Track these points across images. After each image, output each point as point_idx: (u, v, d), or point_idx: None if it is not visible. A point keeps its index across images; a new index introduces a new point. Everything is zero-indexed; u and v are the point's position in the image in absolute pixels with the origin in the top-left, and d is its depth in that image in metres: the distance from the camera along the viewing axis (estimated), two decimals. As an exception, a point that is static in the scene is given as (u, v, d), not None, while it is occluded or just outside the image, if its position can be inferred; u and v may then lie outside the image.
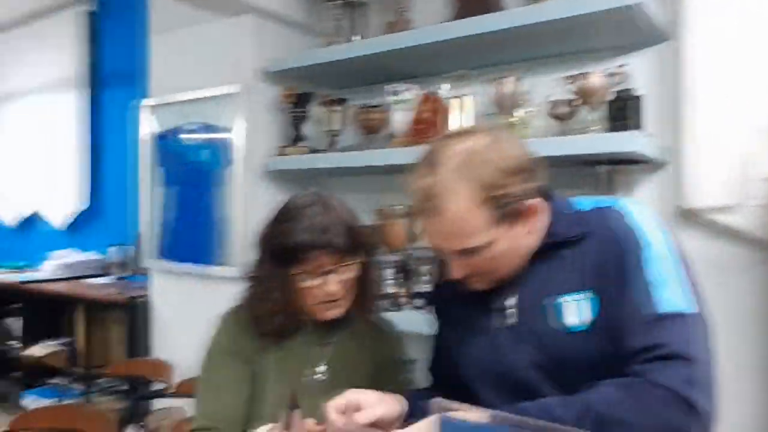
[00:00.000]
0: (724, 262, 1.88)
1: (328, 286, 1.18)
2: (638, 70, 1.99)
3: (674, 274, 0.92)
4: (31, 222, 4.50)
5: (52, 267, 3.86)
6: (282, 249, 1.19)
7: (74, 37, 4.04)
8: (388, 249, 2.39)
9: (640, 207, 1.02)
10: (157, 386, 2.73)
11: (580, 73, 1.86)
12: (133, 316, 3.10)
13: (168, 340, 3.00)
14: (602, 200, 1.05)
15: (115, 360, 3.36)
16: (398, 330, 1.44)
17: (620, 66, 1.89)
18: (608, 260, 0.94)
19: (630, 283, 0.91)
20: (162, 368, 2.68)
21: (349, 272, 1.22)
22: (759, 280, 1.82)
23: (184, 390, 2.41)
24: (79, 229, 4.20)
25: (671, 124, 1.94)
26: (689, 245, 1.91)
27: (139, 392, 2.75)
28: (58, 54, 4.14)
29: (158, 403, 2.71)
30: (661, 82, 1.98)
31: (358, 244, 1.23)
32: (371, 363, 1.34)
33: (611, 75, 1.86)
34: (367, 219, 2.51)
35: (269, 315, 1.22)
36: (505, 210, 0.93)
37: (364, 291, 1.28)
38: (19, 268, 4.23)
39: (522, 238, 0.98)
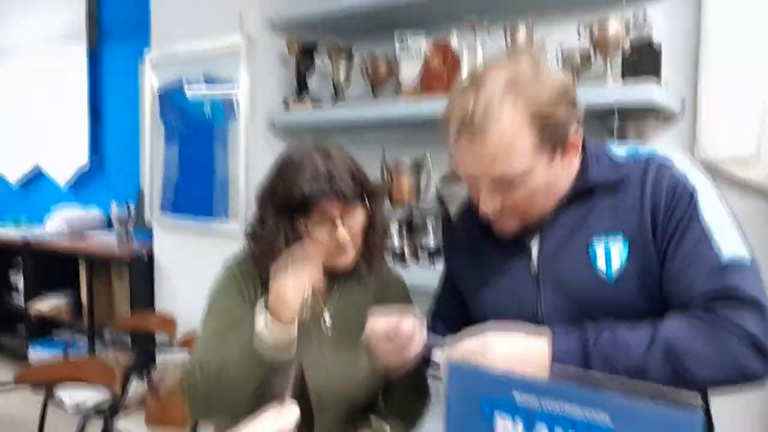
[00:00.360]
0: (739, 215, 1.84)
1: (337, 235, 1.15)
2: (657, 19, 1.92)
3: (728, 219, 0.91)
4: (34, 178, 4.47)
5: (55, 223, 3.85)
6: (288, 201, 1.16)
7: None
8: (395, 204, 2.36)
9: (680, 155, 0.98)
10: (161, 340, 2.74)
11: (597, 21, 1.80)
12: (136, 271, 3.09)
13: (171, 294, 3.00)
14: (638, 149, 1.00)
15: (119, 314, 3.38)
16: (403, 281, 1.41)
17: (638, 14, 1.82)
18: (652, 205, 0.91)
19: (688, 231, 0.88)
20: (166, 322, 2.68)
21: (357, 219, 1.19)
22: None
23: (188, 343, 2.42)
24: (81, 185, 4.16)
25: (689, 74, 1.89)
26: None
27: (143, 346, 2.76)
28: (60, 7, 4.04)
29: (162, 357, 2.72)
30: (680, 31, 1.91)
31: (363, 190, 1.19)
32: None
33: (629, 23, 1.79)
34: (373, 174, 2.48)
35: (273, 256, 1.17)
36: (550, 136, 0.88)
37: (371, 240, 1.24)
38: (23, 224, 4.23)
39: (558, 175, 0.94)
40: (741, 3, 1.75)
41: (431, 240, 2.24)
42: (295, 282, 1.08)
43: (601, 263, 0.91)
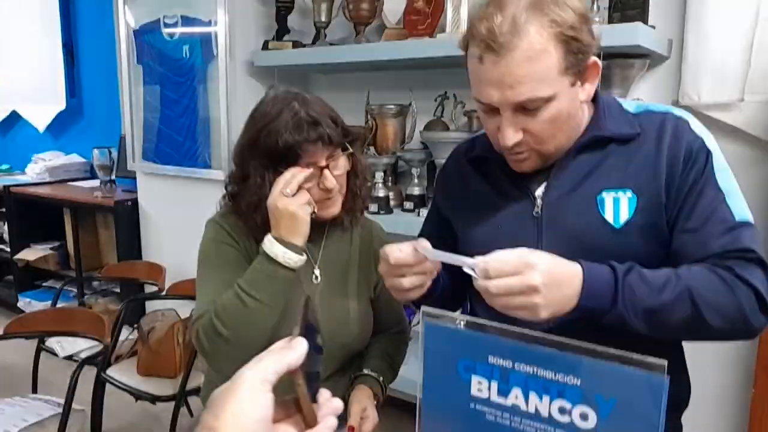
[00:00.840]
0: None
1: (325, 182, 1.15)
2: (646, -45, 1.86)
3: (736, 185, 0.95)
4: (12, 124, 4.36)
5: (36, 170, 3.79)
6: (271, 151, 1.14)
7: None
8: (379, 151, 2.34)
9: (693, 117, 0.99)
10: (150, 289, 2.76)
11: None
12: (121, 219, 3.07)
13: (158, 242, 3.00)
14: (656, 106, 1.00)
15: (107, 263, 3.38)
16: (383, 230, 1.41)
17: (628, -50, 1.75)
18: (669, 163, 0.92)
19: (705, 189, 0.91)
20: (154, 270, 2.69)
21: (341, 165, 1.18)
22: (757, 179, 1.80)
23: (176, 291, 2.44)
24: (61, 130, 4.07)
25: (676, 17, 1.84)
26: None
27: (132, 294, 2.78)
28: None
29: (151, 305, 2.75)
30: (669, -31, 1.86)
31: (346, 135, 1.19)
32: (365, 264, 1.32)
33: (618, -40, 1.73)
34: (357, 119, 2.45)
35: (264, 223, 1.16)
36: (574, 58, 0.87)
37: (353, 187, 1.24)
38: (3, 172, 4.16)
39: (578, 104, 0.93)
40: (733, -61, 1.70)
41: (416, 187, 2.23)
42: (298, 199, 1.11)
43: (609, 214, 0.92)
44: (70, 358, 2.72)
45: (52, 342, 2.72)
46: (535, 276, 0.76)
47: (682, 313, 0.83)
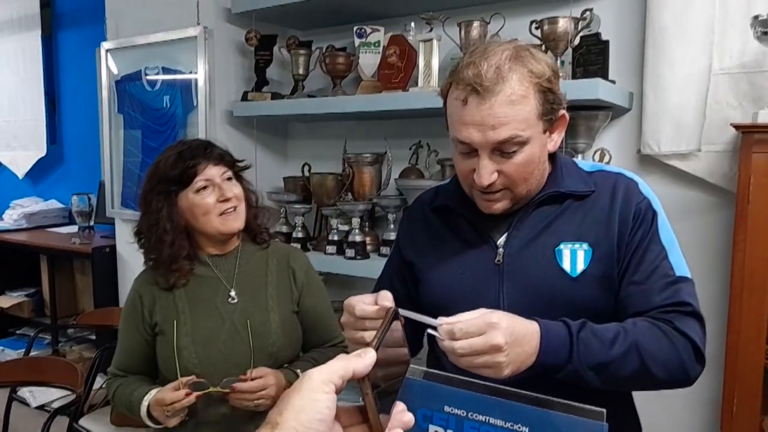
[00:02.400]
0: (682, 207, 1.93)
1: (224, 191, 1.32)
2: (605, 16, 1.98)
3: (676, 242, 1.03)
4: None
5: (14, 216, 3.77)
6: (169, 176, 1.31)
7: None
8: (356, 197, 2.40)
9: (641, 180, 1.08)
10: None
11: (547, 18, 1.84)
12: (99, 265, 3.06)
13: (136, 288, 2.99)
14: (606, 166, 1.10)
15: (83, 309, 3.35)
16: (302, 255, 1.57)
17: (587, 10, 1.86)
18: (620, 220, 0.99)
19: (650, 247, 0.99)
20: (131, 317, 2.69)
21: (237, 187, 1.38)
22: (716, 224, 1.87)
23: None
24: (40, 176, 4.08)
25: (635, 69, 1.95)
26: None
27: (108, 342, 2.75)
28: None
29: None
30: (627, 28, 1.97)
31: (236, 165, 1.40)
32: (283, 283, 1.46)
33: (578, 20, 1.84)
34: (334, 166, 2.51)
35: (170, 252, 1.34)
36: (548, 107, 0.95)
37: (250, 209, 1.42)
38: (-21, 218, 4.14)
39: (545, 151, 0.99)
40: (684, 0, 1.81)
41: (392, 233, 2.28)
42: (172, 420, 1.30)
43: (566, 264, 0.98)
44: (42, 407, 2.67)
45: (23, 391, 2.67)
46: (498, 336, 0.79)
47: (630, 366, 0.88)
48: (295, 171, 2.64)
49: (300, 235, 2.46)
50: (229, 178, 1.37)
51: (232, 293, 1.40)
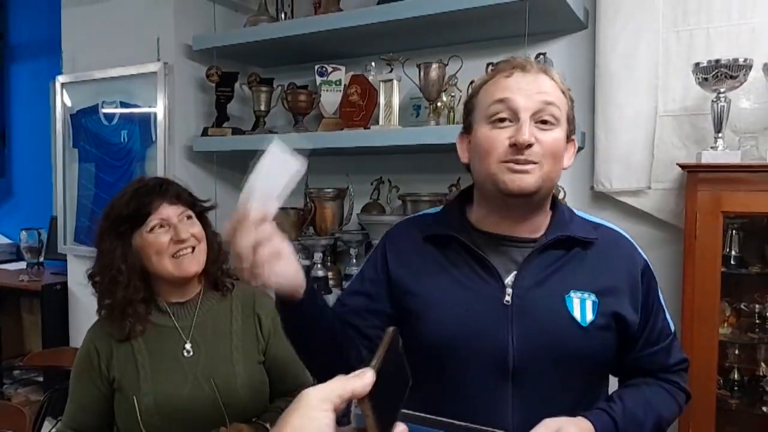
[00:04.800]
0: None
1: (179, 231, 1.25)
2: (558, 59, 2.07)
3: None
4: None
5: (-43, 253, 3.63)
6: (125, 215, 1.25)
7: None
8: (318, 232, 2.40)
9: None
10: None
11: (503, 61, 1.91)
12: (48, 304, 2.95)
13: (87, 328, 2.88)
14: (601, 220, 1.13)
15: (30, 350, 3.21)
16: (268, 303, 1.44)
17: (540, 54, 1.95)
18: (629, 279, 1.03)
19: (658, 307, 1.08)
20: (82, 357, 2.59)
21: (195, 226, 1.30)
22: (666, 258, 1.95)
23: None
24: (-14, 211, 3.95)
25: (586, 111, 2.04)
26: (602, 226, 2.08)
27: (57, 383, 2.64)
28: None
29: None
30: (578, 71, 2.07)
31: (195, 204, 1.33)
32: (248, 332, 1.39)
33: (532, 63, 1.92)
34: (296, 201, 2.51)
35: (124, 295, 1.26)
36: (568, 117, 1.01)
37: (211, 254, 1.33)
38: None
39: (561, 163, 1.02)
40: (633, 43, 1.91)
41: (354, 267, 2.29)
42: None
43: (576, 313, 0.99)
44: (-17, 456, 2.52)
45: (-36, 439, 2.52)
46: None
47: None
48: (255, 206, 2.62)
49: None
50: (189, 217, 1.30)
51: (187, 346, 1.31)
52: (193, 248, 1.29)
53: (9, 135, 3.87)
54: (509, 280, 1.00)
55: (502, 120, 0.97)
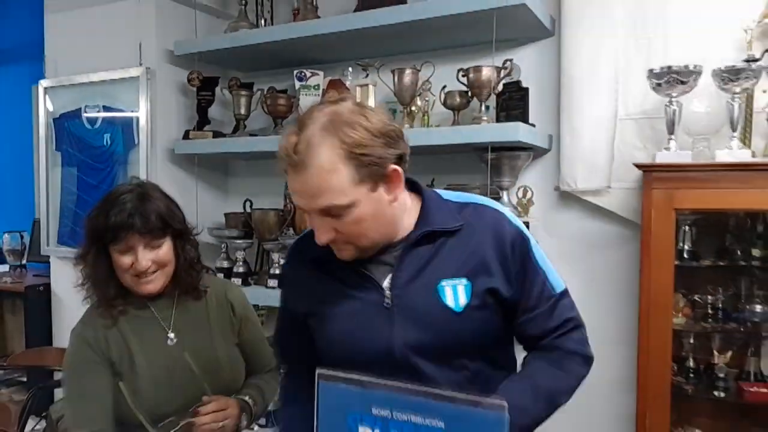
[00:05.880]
0: (598, 238, 2.12)
1: (138, 263, 1.32)
2: (525, 64, 2.18)
3: (548, 260, 1.13)
4: None
5: (-61, 256, 3.63)
6: (99, 231, 1.34)
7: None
8: (298, 232, 2.47)
9: (505, 207, 1.17)
10: (59, 376, 2.68)
11: (473, 66, 2.01)
12: (31, 305, 2.99)
13: (70, 328, 2.92)
14: (471, 196, 1.16)
15: (12, 351, 3.24)
16: (241, 294, 1.59)
17: (508, 60, 2.05)
18: (498, 253, 1.06)
19: (534, 272, 1.08)
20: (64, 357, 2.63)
21: (162, 252, 1.37)
22: (627, 253, 2.05)
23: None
24: (-32, 215, 3.96)
25: (552, 114, 2.14)
26: (568, 224, 2.18)
27: (40, 383, 2.68)
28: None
29: (60, 393, 2.66)
30: (544, 76, 2.17)
31: (168, 227, 1.38)
32: (223, 320, 1.51)
33: (500, 69, 2.02)
34: (275, 202, 2.59)
35: (101, 291, 1.37)
36: (368, 169, 0.97)
37: (180, 268, 1.42)
38: None
39: (386, 206, 1.03)
40: (596, 49, 2.02)
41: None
42: None
43: (449, 300, 1.04)
44: (-32, 454, 2.55)
45: (-52, 438, 2.55)
46: None
47: (548, 410, 1.04)
48: (235, 207, 2.70)
49: (241, 269, 2.51)
50: (155, 246, 1.35)
51: (171, 335, 1.42)
52: (154, 271, 1.36)
53: (-10, 139, 3.89)
54: (386, 283, 1.06)
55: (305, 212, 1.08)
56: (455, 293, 1.04)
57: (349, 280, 1.09)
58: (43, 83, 2.90)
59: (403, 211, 1.08)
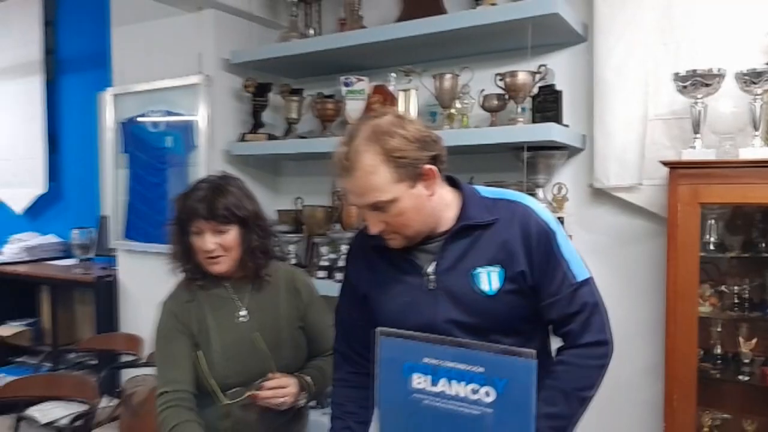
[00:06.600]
0: (628, 233, 2.24)
1: (205, 244, 1.53)
2: (559, 69, 2.31)
3: (574, 251, 1.28)
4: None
5: (14, 250, 3.94)
6: (178, 212, 1.57)
7: (33, 23, 4.09)
8: (345, 226, 2.66)
9: (536, 201, 1.33)
10: (127, 359, 2.92)
11: (509, 72, 2.16)
12: (100, 294, 3.25)
13: (135, 316, 3.18)
14: (505, 192, 1.33)
15: (81, 338, 3.51)
16: (309, 282, 1.77)
17: (542, 65, 2.19)
18: (524, 245, 1.21)
19: (556, 262, 1.21)
20: (132, 341, 2.87)
21: (229, 237, 1.55)
22: (655, 246, 2.17)
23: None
24: (38, 212, 4.26)
25: (585, 115, 2.27)
26: (600, 219, 2.30)
27: (111, 364, 2.93)
28: (17, 41, 4.17)
29: (128, 374, 2.90)
30: (578, 79, 2.30)
31: (234, 217, 1.55)
32: (290, 304, 1.67)
33: (535, 73, 2.16)
34: (324, 200, 2.78)
35: (182, 266, 1.60)
36: (405, 170, 1.15)
37: (245, 255, 1.59)
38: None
39: (425, 200, 1.20)
40: (626, 54, 2.15)
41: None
42: None
43: (484, 285, 1.22)
44: (50, 425, 2.82)
45: (32, 410, 2.82)
46: None
47: (582, 411, 1.20)
48: (285, 204, 2.91)
49: (292, 262, 2.71)
50: (220, 231, 1.53)
51: (242, 312, 1.61)
52: (220, 256, 1.56)
53: (58, 143, 4.19)
54: (431, 269, 1.25)
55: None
56: (489, 279, 1.21)
57: (400, 266, 1.29)
58: (111, 91, 3.16)
59: (443, 206, 1.26)
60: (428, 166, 1.19)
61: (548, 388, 1.18)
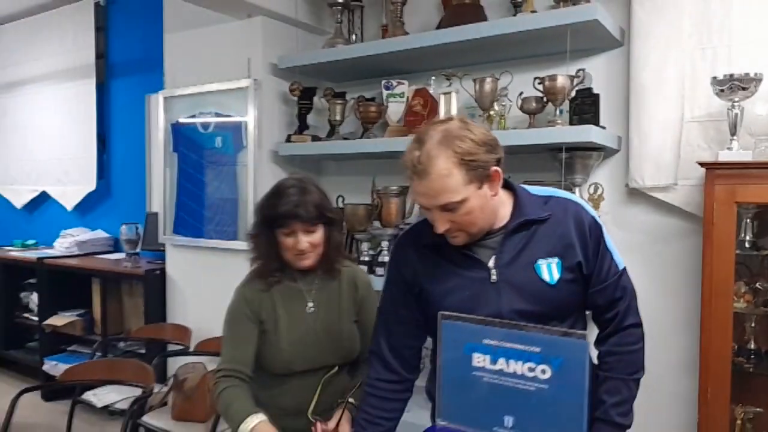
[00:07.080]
0: (663, 231, 2.30)
1: (299, 244, 1.65)
2: (596, 72, 2.39)
3: (613, 244, 1.39)
4: (42, 203, 4.76)
5: (65, 244, 4.15)
6: (270, 217, 1.67)
7: (85, 28, 4.29)
8: (384, 224, 2.76)
9: (584, 201, 1.45)
10: (174, 348, 3.07)
11: (548, 75, 2.24)
12: (148, 287, 3.42)
13: (183, 307, 3.34)
14: (552, 190, 1.43)
15: (129, 328, 3.69)
16: (368, 279, 1.88)
17: (580, 69, 2.27)
18: (579, 237, 1.31)
19: (604, 252, 1.33)
20: (180, 331, 3.03)
21: (317, 236, 1.68)
22: (690, 245, 2.23)
23: (204, 348, 2.76)
24: (87, 209, 4.47)
25: (622, 117, 2.34)
26: (636, 218, 2.37)
27: (162, 352, 3.08)
28: (70, 46, 4.39)
29: (175, 363, 3.04)
30: (614, 82, 2.37)
31: (322, 217, 1.68)
32: (349, 298, 1.79)
33: (573, 77, 2.24)
34: (364, 198, 2.89)
35: (266, 263, 1.71)
36: (475, 172, 1.22)
37: (327, 251, 1.73)
38: (32, 246, 4.51)
39: (489, 200, 1.28)
40: (662, 58, 2.22)
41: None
42: None
43: (545, 276, 1.31)
44: (106, 408, 2.98)
45: (87, 394, 2.99)
46: None
47: (638, 387, 1.34)
48: (328, 203, 3.02)
49: (365, 259, 2.81)
50: (312, 230, 1.65)
51: (310, 304, 1.73)
52: (309, 253, 1.68)
53: (108, 142, 4.39)
54: (491, 263, 1.32)
55: (423, 209, 1.33)
56: (549, 270, 1.30)
57: (459, 262, 1.36)
58: (163, 93, 3.32)
59: (500, 204, 1.35)
60: (495, 168, 1.27)
61: (608, 380, 1.30)
